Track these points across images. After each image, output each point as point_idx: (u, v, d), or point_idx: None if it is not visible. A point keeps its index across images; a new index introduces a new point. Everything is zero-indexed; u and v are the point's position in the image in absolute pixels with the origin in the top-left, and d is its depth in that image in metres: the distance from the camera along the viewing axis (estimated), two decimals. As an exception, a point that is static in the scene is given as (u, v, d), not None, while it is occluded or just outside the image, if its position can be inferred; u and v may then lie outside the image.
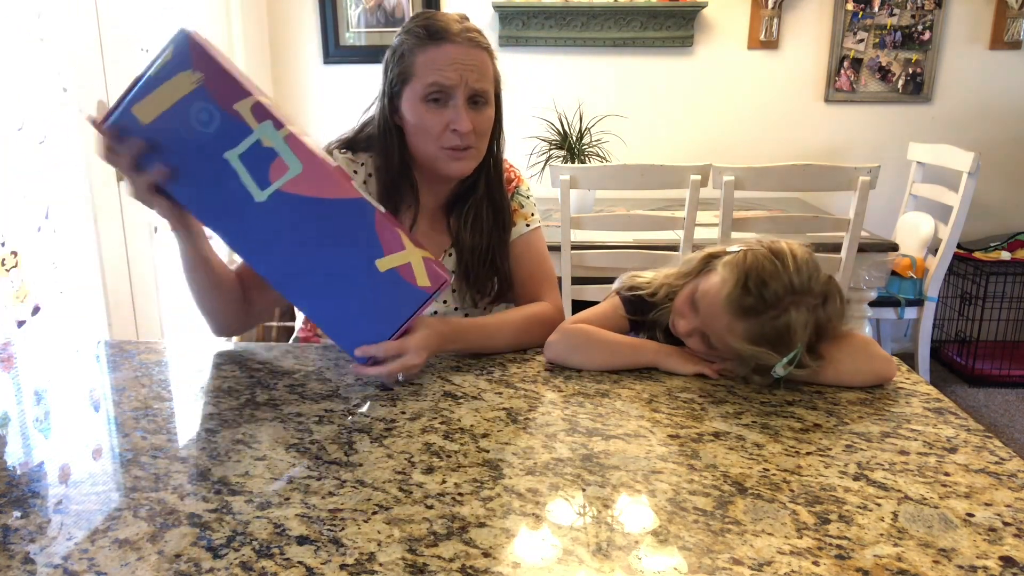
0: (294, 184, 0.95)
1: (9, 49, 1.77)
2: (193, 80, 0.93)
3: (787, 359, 0.95)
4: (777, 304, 0.96)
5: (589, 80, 3.17)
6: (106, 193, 2.06)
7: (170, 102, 0.94)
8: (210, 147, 0.94)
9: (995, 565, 0.63)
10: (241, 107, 0.94)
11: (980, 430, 0.89)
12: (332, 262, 0.97)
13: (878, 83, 3.15)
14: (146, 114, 0.94)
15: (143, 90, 0.94)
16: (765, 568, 0.62)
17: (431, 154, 1.14)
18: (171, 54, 0.93)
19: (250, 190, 0.95)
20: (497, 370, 1.07)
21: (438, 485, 0.76)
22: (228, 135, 0.94)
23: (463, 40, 1.11)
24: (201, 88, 0.93)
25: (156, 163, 0.95)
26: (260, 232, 0.97)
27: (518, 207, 1.28)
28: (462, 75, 1.10)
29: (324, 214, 0.96)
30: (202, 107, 0.94)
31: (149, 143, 0.95)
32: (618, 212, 2.39)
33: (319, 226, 0.96)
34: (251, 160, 0.95)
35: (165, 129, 0.94)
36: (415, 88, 1.12)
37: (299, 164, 0.95)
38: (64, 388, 1.02)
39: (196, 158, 0.95)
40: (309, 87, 3.21)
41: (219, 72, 0.94)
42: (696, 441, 0.85)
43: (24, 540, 0.66)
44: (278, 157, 0.95)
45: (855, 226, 2.13)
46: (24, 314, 1.83)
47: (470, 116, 1.12)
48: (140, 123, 0.94)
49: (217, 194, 0.96)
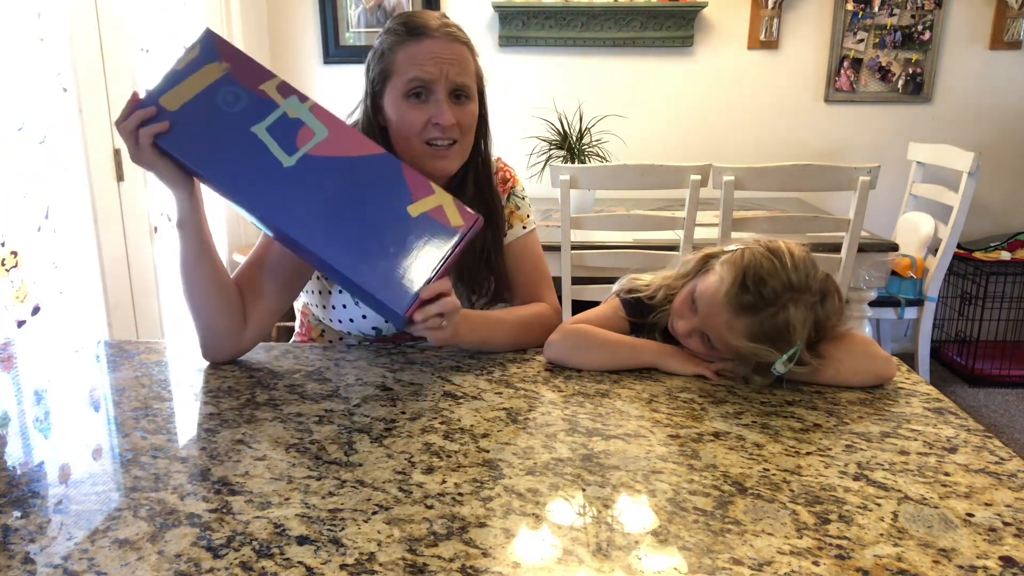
0: (321, 148, 1.00)
1: (9, 49, 1.77)
2: (221, 69, 1.00)
3: (787, 356, 0.95)
4: (775, 301, 0.96)
5: (589, 80, 3.17)
6: (106, 193, 2.06)
7: (197, 90, 1.00)
8: (237, 123, 0.99)
9: (995, 565, 0.63)
10: (267, 87, 1.01)
11: (980, 430, 0.89)
12: (365, 214, 0.99)
13: (878, 83, 3.15)
14: (173, 103, 0.99)
15: (170, 82, 1.00)
16: (765, 568, 0.62)
17: (415, 152, 1.13)
18: (198, 51, 1.01)
19: (279, 158, 0.99)
20: (497, 370, 1.07)
21: (438, 485, 0.76)
22: (255, 111, 1.00)
23: (442, 35, 1.11)
24: (228, 75, 1.00)
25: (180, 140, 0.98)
26: (291, 195, 0.98)
27: (514, 208, 1.28)
28: (442, 69, 1.10)
29: (352, 170, 1.00)
30: (229, 90, 1.00)
31: (175, 126, 0.98)
32: (618, 212, 2.39)
33: (349, 182, 0.99)
34: (278, 131, 0.99)
35: (192, 113, 0.99)
36: (396, 85, 1.11)
37: (324, 129, 1.00)
38: (64, 388, 1.02)
39: (223, 134, 0.99)
40: (309, 87, 3.21)
41: (245, 61, 1.02)
42: (696, 441, 0.85)
43: (24, 540, 0.66)
44: (304, 126, 1.00)
45: (855, 226, 2.13)
46: (24, 314, 1.83)
47: (452, 111, 1.11)
48: (167, 111, 0.99)
49: (245, 166, 0.99)
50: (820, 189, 2.72)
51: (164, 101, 0.99)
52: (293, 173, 0.98)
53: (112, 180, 2.09)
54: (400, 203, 0.99)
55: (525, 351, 1.15)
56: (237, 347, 1.11)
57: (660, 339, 1.11)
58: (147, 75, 2.25)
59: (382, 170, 1.00)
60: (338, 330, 1.25)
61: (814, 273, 0.99)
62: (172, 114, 0.98)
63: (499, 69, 3.16)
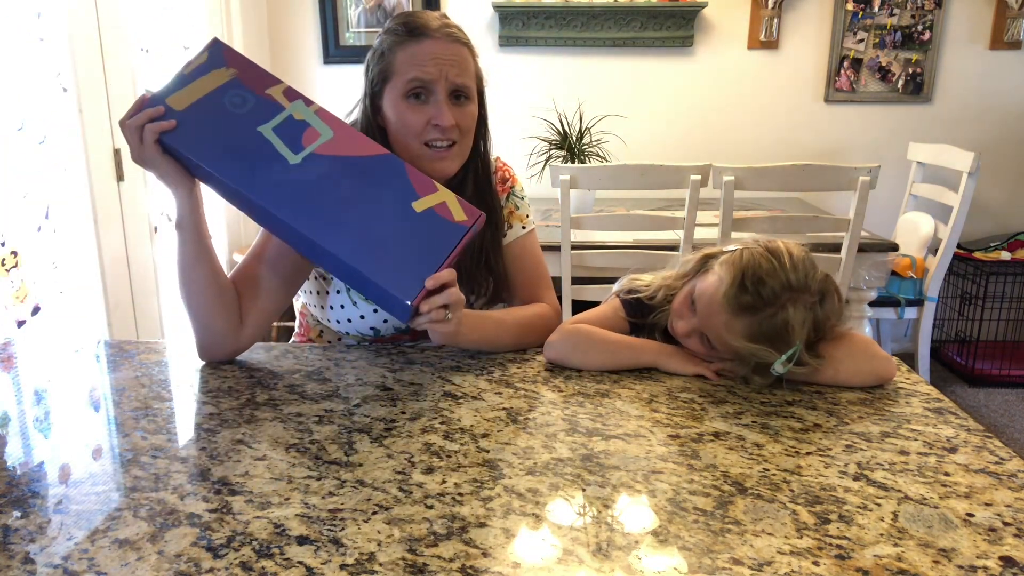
0: (327, 147, 1.02)
1: (9, 49, 1.77)
2: (228, 74, 1.03)
3: (786, 356, 0.95)
4: (774, 301, 0.96)
5: (589, 80, 3.17)
6: (106, 193, 2.06)
7: (205, 91, 1.02)
8: (243, 123, 1.01)
9: (995, 565, 0.63)
10: (274, 91, 1.04)
11: (980, 430, 0.89)
12: (370, 209, 1.00)
13: (878, 83, 3.15)
14: (180, 103, 1.01)
15: (177, 84, 1.02)
16: (765, 568, 0.62)
17: (414, 153, 1.13)
18: (206, 57, 1.04)
19: (284, 155, 1.01)
20: (497, 370, 1.07)
21: (438, 485, 0.76)
22: (261, 113, 1.02)
23: (442, 36, 1.11)
24: (235, 79, 1.03)
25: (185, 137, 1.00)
26: (297, 190, 0.99)
27: (514, 208, 1.28)
28: (441, 70, 1.09)
29: (358, 169, 1.01)
30: (236, 93, 1.02)
31: (181, 125, 1.00)
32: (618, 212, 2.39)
33: (354, 180, 1.01)
34: (284, 131, 1.02)
35: (198, 113, 1.01)
36: (396, 86, 1.11)
37: (330, 131, 1.03)
38: (64, 388, 1.02)
39: (229, 132, 1.01)
40: (309, 87, 3.21)
41: (252, 68, 1.05)
42: (696, 441, 0.85)
43: (24, 540, 0.66)
44: (310, 127, 1.02)
45: (855, 226, 2.13)
46: (24, 314, 1.83)
47: (452, 112, 1.11)
48: (174, 111, 1.00)
49: (251, 162, 1.00)
50: (820, 189, 2.73)
51: (171, 101, 1.00)
52: (299, 170, 1.00)
53: (112, 180, 2.09)
54: (405, 199, 1.01)
55: (525, 351, 1.15)
56: (235, 345, 1.11)
57: (660, 339, 1.11)
58: (147, 75, 2.25)
59: (386, 169, 1.02)
60: (336, 330, 1.25)
61: (813, 273, 0.99)
62: (179, 113, 1.00)
63: (499, 69, 3.16)
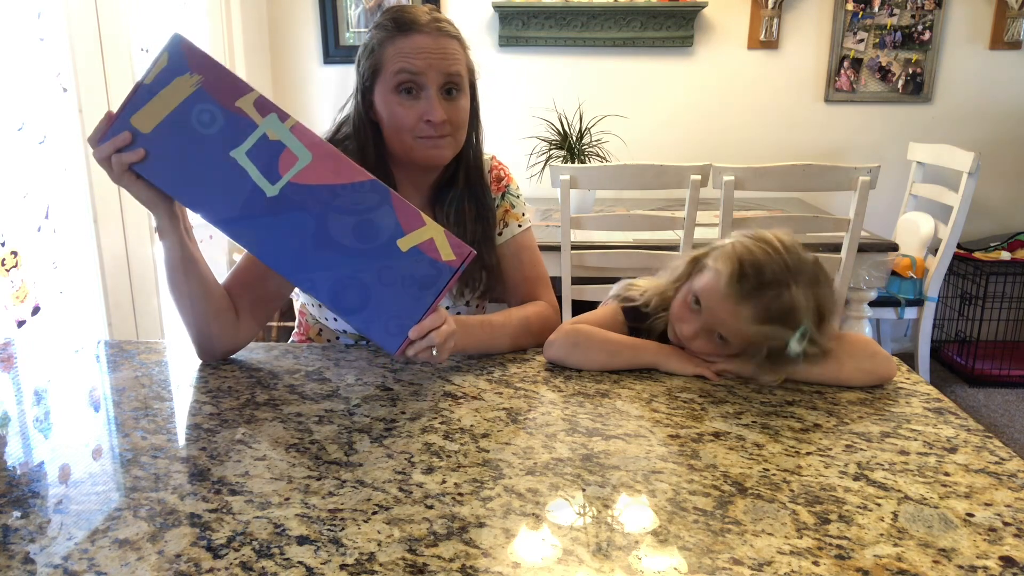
0: (305, 174, 0.94)
1: (9, 49, 1.77)
2: (192, 83, 0.93)
3: (799, 333, 0.96)
4: (776, 283, 0.97)
5: (589, 80, 3.17)
6: (106, 193, 2.06)
7: (169, 108, 0.93)
8: (215, 148, 0.93)
9: (995, 565, 0.63)
10: (243, 103, 0.93)
11: (980, 430, 0.89)
12: (352, 249, 0.95)
13: (878, 83, 3.15)
14: (146, 123, 0.93)
15: (140, 99, 0.93)
16: (765, 568, 0.62)
17: (407, 144, 1.12)
18: (166, 60, 0.93)
19: (261, 187, 0.94)
20: (497, 370, 1.07)
21: (438, 485, 0.76)
22: (232, 133, 0.93)
23: (432, 29, 1.10)
24: (200, 90, 0.93)
25: (158, 169, 0.94)
26: (276, 228, 0.95)
27: (509, 207, 1.27)
28: (431, 63, 1.09)
29: (339, 200, 0.95)
30: (203, 108, 0.93)
31: (151, 153, 0.94)
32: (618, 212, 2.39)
33: (336, 213, 0.95)
34: (258, 155, 0.94)
35: (167, 136, 0.93)
36: (386, 80, 1.11)
37: (308, 153, 0.94)
38: (64, 388, 1.02)
39: (201, 161, 0.94)
40: (309, 87, 3.21)
41: (218, 72, 0.94)
42: (696, 441, 0.85)
43: (24, 540, 0.66)
44: (286, 149, 0.94)
45: (855, 226, 2.13)
46: (24, 314, 1.83)
47: (444, 106, 1.10)
48: (140, 133, 0.93)
49: (227, 196, 0.94)
50: (820, 189, 2.72)
51: (136, 121, 0.93)
52: (276, 204, 0.94)
53: (112, 180, 2.09)
54: (390, 237, 0.95)
55: (525, 351, 1.15)
56: (233, 344, 1.11)
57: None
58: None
59: (371, 200, 0.95)
60: (334, 329, 1.26)
61: (804, 255, 1.00)
62: (146, 137, 0.93)
63: (499, 69, 3.16)
